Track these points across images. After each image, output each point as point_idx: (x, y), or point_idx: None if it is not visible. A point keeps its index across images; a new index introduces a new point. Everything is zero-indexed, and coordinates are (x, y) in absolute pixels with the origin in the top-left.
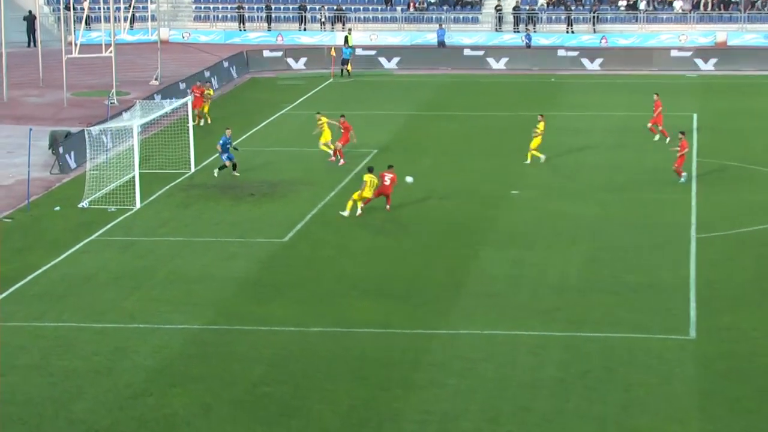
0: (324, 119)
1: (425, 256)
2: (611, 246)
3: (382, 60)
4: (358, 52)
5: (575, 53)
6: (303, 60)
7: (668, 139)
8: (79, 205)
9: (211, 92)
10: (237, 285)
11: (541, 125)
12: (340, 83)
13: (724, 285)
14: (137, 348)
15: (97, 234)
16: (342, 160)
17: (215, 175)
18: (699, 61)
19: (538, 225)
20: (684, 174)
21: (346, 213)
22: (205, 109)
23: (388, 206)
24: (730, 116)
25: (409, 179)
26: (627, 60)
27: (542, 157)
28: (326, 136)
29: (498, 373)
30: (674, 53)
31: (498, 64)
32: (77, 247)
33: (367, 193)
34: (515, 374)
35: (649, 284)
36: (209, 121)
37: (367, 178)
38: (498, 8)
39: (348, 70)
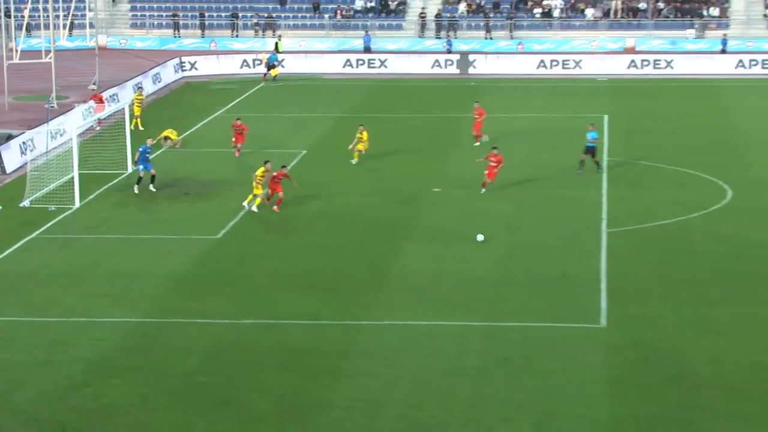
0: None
1: (351, 251)
2: (527, 241)
3: (311, 64)
4: (289, 57)
5: (495, 58)
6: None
7: (478, 143)
8: (21, 205)
9: (143, 96)
10: (173, 280)
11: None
12: (270, 87)
13: (633, 277)
14: (77, 341)
15: (38, 232)
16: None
17: (135, 191)
18: (609, 66)
19: (457, 221)
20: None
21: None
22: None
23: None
24: (638, 117)
25: (480, 238)
26: (541, 64)
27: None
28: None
29: (422, 362)
30: (586, 58)
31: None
32: (19, 244)
33: (258, 190)
34: (438, 363)
35: (563, 276)
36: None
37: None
38: (422, 15)
39: (273, 75)
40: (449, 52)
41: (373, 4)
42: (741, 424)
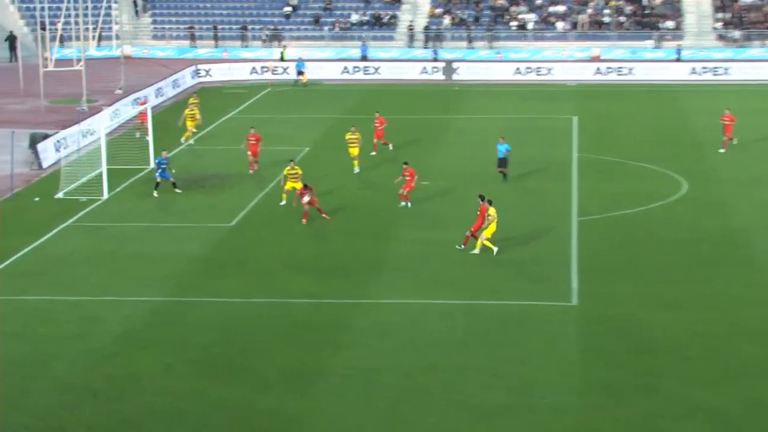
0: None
1: (350, 238)
2: (505, 227)
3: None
4: (292, 65)
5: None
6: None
7: (374, 153)
8: (55, 196)
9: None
10: (192, 263)
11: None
12: (277, 92)
13: (601, 260)
14: (106, 317)
15: (71, 221)
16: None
17: (155, 195)
18: (577, 73)
19: (444, 210)
20: (407, 203)
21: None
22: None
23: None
24: (604, 118)
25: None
26: (517, 71)
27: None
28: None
29: (412, 336)
30: (557, 66)
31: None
32: (54, 231)
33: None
34: (426, 336)
35: (538, 259)
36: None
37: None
38: (410, 27)
39: (303, 81)
40: (435, 60)
41: (367, 17)
42: (696, 387)
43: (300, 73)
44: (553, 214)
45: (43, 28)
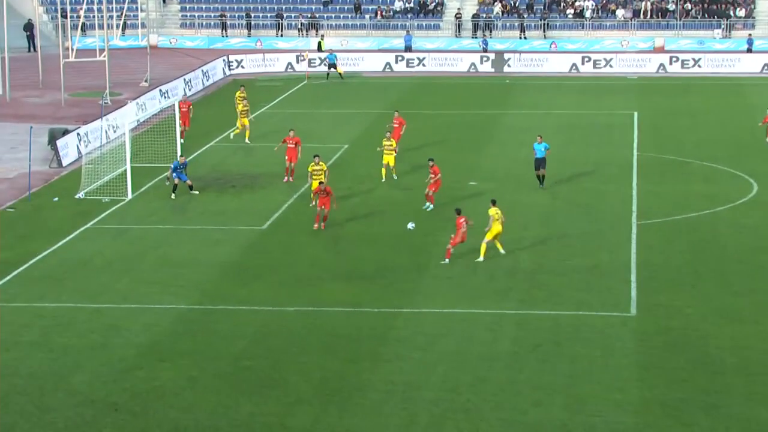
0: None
1: (391, 241)
2: (559, 232)
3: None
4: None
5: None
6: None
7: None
8: (76, 196)
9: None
10: (220, 269)
11: None
12: (314, 84)
13: (661, 267)
14: (129, 326)
15: (92, 222)
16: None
17: (172, 197)
18: (639, 65)
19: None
20: (430, 205)
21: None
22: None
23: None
24: (667, 114)
25: (411, 226)
26: (574, 63)
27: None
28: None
29: (457, 348)
30: (616, 57)
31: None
32: (74, 234)
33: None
34: (473, 348)
35: (594, 266)
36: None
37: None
38: (458, 16)
39: (339, 73)
40: (485, 51)
41: (411, 5)
42: (763, 408)
43: (332, 66)
44: (611, 218)
45: (64, 16)
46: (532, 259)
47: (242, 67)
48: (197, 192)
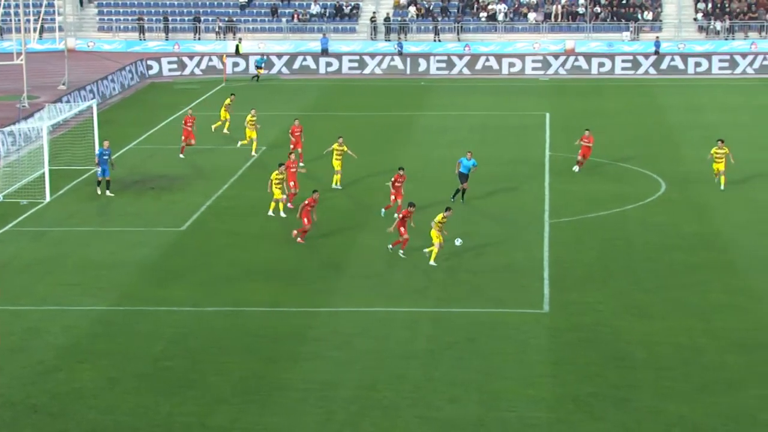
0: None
1: (310, 241)
2: (474, 231)
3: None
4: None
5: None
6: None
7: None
8: None
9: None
10: (140, 270)
11: None
12: (231, 87)
13: (573, 264)
14: (49, 328)
15: (10, 225)
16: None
17: (98, 192)
18: (551, 67)
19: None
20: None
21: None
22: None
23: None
24: (578, 115)
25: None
26: (487, 65)
27: None
28: None
29: (374, 346)
30: (528, 59)
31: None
32: None
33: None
34: (390, 346)
35: (508, 264)
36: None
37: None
38: (372, 19)
39: (258, 75)
40: (400, 53)
41: (328, 8)
42: (672, 401)
43: (258, 68)
44: (524, 216)
45: None
46: (448, 258)
47: (160, 70)
48: (113, 194)
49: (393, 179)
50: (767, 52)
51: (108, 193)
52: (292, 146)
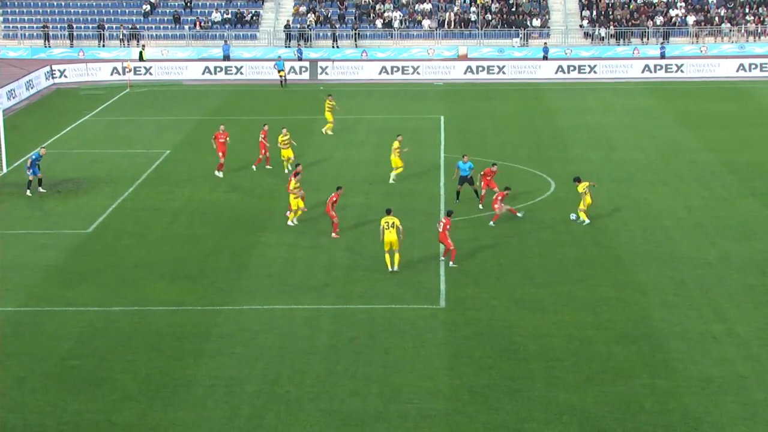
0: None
1: (213, 242)
2: (373, 230)
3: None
4: (153, 65)
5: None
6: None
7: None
8: None
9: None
10: (46, 272)
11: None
12: (136, 93)
13: (468, 261)
14: None
15: None
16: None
17: (28, 194)
18: (445, 72)
19: (310, 214)
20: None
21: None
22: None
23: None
24: (471, 118)
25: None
26: (383, 70)
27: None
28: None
29: (277, 342)
30: (423, 64)
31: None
32: None
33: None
34: (292, 342)
35: (406, 262)
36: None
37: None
38: (274, 26)
39: (284, 78)
40: (300, 59)
41: (229, 16)
42: (562, 391)
43: (280, 71)
44: (421, 216)
45: None
46: (348, 256)
47: (65, 76)
48: (45, 190)
49: (333, 198)
50: (649, 57)
51: (40, 189)
52: (219, 153)
